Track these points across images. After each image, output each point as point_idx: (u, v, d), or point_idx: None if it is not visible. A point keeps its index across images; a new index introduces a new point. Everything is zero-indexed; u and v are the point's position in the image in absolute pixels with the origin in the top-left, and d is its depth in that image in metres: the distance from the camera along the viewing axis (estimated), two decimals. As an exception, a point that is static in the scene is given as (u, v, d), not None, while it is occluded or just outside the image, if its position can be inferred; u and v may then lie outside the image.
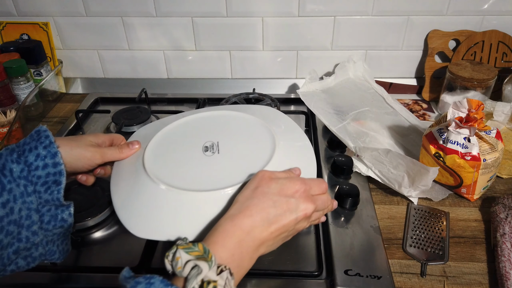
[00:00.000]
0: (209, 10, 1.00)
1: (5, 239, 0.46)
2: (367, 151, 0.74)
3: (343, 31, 1.02)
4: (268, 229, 0.43)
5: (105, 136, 0.59)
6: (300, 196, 0.46)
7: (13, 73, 0.94)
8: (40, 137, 0.50)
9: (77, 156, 0.53)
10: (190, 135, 0.59)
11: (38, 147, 0.49)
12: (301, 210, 0.45)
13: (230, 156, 0.55)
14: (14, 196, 0.47)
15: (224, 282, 0.36)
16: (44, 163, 0.48)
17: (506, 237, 0.60)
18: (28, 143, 0.49)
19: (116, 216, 0.69)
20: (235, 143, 0.57)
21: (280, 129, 0.60)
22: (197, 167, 0.53)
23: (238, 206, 0.44)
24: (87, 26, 1.05)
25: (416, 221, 0.68)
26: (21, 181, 0.48)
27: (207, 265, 0.36)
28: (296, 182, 0.47)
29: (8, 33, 1.06)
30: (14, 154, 0.48)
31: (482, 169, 0.66)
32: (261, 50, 1.06)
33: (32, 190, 0.48)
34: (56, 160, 0.49)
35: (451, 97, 0.94)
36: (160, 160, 0.55)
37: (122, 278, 0.37)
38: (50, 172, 0.49)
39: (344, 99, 0.95)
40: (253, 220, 0.43)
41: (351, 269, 0.58)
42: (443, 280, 0.58)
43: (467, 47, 0.99)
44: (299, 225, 0.47)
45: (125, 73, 1.12)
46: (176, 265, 0.36)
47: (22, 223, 0.48)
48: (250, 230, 0.42)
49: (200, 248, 0.38)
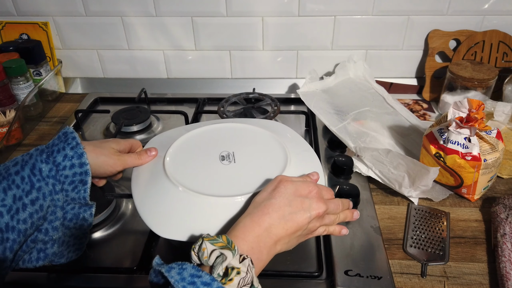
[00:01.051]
0: (209, 10, 1.00)
1: (30, 230, 0.51)
2: (367, 151, 0.74)
3: (343, 31, 1.02)
4: (284, 226, 0.46)
5: (126, 143, 0.62)
6: (313, 196, 0.49)
7: (13, 73, 0.94)
8: (67, 139, 0.53)
9: (101, 163, 0.56)
10: (206, 145, 0.63)
11: (66, 148, 0.52)
12: (314, 209, 0.48)
13: (246, 165, 0.59)
14: (43, 194, 0.51)
15: (247, 268, 0.40)
16: (71, 163, 0.52)
17: (507, 237, 0.60)
18: (56, 144, 0.53)
19: (116, 216, 0.69)
20: (249, 153, 0.61)
21: (288, 141, 0.64)
22: (215, 174, 0.57)
23: (257, 205, 0.48)
24: (87, 25, 1.05)
25: (417, 221, 0.68)
26: (49, 180, 0.51)
27: (231, 253, 0.39)
28: (310, 184, 0.50)
29: (7, 33, 1.06)
30: (43, 155, 0.52)
31: (482, 169, 0.66)
32: (261, 50, 1.06)
33: (60, 188, 0.52)
34: (82, 161, 0.53)
35: (452, 97, 0.94)
36: (180, 166, 0.58)
37: (155, 264, 0.40)
38: (77, 172, 0.53)
39: (345, 99, 0.95)
40: (270, 217, 0.46)
41: (351, 270, 0.58)
42: (444, 281, 0.58)
43: (468, 47, 0.99)
44: (312, 224, 0.49)
45: (125, 73, 1.12)
46: (203, 255, 0.40)
47: (48, 217, 0.53)
48: (268, 226, 0.45)
49: (224, 240, 0.41)
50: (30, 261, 0.53)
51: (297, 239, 0.49)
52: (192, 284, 0.37)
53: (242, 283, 0.39)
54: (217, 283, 0.37)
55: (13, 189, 0.49)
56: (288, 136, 0.68)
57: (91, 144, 0.56)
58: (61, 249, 0.56)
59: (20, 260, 0.52)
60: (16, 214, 0.48)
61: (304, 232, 0.49)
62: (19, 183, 0.49)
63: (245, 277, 0.39)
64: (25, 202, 0.49)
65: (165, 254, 0.63)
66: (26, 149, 0.90)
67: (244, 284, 0.39)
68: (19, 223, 0.48)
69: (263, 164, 0.58)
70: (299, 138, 0.68)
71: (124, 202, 0.72)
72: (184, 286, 0.36)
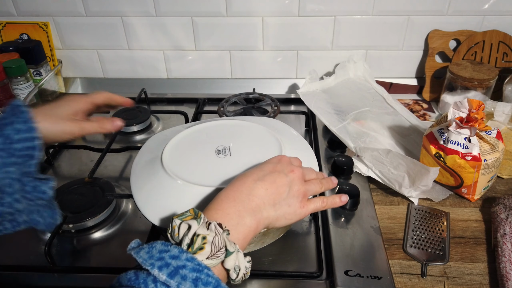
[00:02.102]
0: (209, 10, 1.00)
1: None
2: (367, 151, 0.74)
3: (343, 31, 1.02)
4: (262, 186, 0.46)
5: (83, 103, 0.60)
6: (285, 161, 0.51)
7: (13, 73, 0.94)
8: (16, 112, 0.52)
9: (56, 131, 0.55)
10: (204, 140, 0.65)
11: (17, 122, 0.51)
12: (288, 170, 0.49)
13: (241, 158, 0.60)
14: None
15: (214, 233, 0.39)
16: (21, 137, 0.50)
17: (507, 237, 0.60)
18: (6, 117, 0.51)
19: (116, 216, 0.69)
20: (245, 147, 0.63)
21: (284, 136, 0.65)
22: (211, 166, 0.58)
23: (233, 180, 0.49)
24: (87, 26, 1.05)
25: (417, 221, 0.68)
26: (2, 153, 0.50)
27: (196, 222, 0.39)
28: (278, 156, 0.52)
29: (7, 33, 1.06)
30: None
31: (482, 169, 0.66)
32: (261, 50, 1.06)
33: (13, 162, 0.51)
34: (32, 135, 0.51)
35: (452, 97, 0.94)
36: (177, 160, 0.60)
37: (129, 248, 0.39)
38: (26, 146, 0.51)
39: (345, 99, 0.95)
40: (245, 181, 0.47)
41: (352, 270, 0.58)
42: (444, 281, 0.58)
43: (468, 47, 0.99)
44: (295, 186, 0.49)
45: (125, 73, 1.12)
46: (174, 232, 0.39)
47: (5, 189, 0.51)
48: (243, 190, 0.46)
49: (191, 212, 0.41)
50: (5, 229, 0.53)
51: (287, 205, 0.48)
52: (160, 260, 0.36)
53: (214, 249, 0.38)
54: (186, 254, 0.36)
55: None
56: (287, 134, 0.69)
57: (43, 114, 0.55)
58: (33, 217, 0.55)
59: None
60: None
61: (290, 194, 0.48)
62: None
63: (215, 241, 0.38)
64: None
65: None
66: (26, 149, 0.90)
67: (216, 250, 0.38)
68: None
69: (258, 157, 0.59)
70: (298, 137, 0.69)
71: (124, 202, 0.72)
72: (152, 264, 0.35)
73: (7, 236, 0.66)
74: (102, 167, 0.81)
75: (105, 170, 0.81)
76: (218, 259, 0.38)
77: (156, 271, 0.35)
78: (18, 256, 0.63)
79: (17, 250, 0.64)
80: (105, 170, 0.81)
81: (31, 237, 0.66)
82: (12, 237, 0.66)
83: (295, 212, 0.48)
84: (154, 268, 0.35)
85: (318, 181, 0.53)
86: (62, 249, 0.64)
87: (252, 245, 0.55)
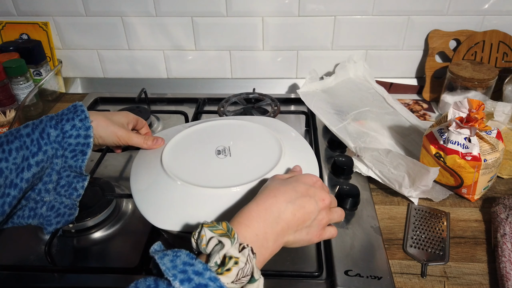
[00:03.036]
0: (209, 9, 1.00)
1: (28, 188, 0.54)
2: (367, 151, 0.74)
3: (343, 31, 1.02)
4: (292, 211, 0.44)
5: (133, 118, 0.66)
6: (318, 186, 0.49)
7: (13, 73, 0.94)
8: (77, 111, 0.57)
9: (111, 134, 0.60)
10: (204, 140, 0.65)
11: (75, 119, 0.56)
12: (319, 197, 0.47)
13: (241, 158, 0.60)
14: (47, 157, 0.55)
15: (246, 258, 0.38)
16: (77, 133, 0.56)
17: (507, 237, 0.60)
18: (66, 114, 0.57)
19: (116, 216, 0.69)
20: (245, 147, 0.63)
21: (284, 136, 0.65)
22: (211, 167, 0.59)
23: (262, 191, 0.47)
24: (87, 26, 1.05)
25: (417, 221, 0.68)
26: (55, 145, 0.55)
27: (230, 241, 0.38)
28: (311, 176, 0.50)
29: (7, 33, 1.06)
30: (53, 121, 0.56)
31: (482, 169, 0.66)
32: (261, 50, 1.06)
33: (61, 154, 0.56)
34: (88, 133, 0.56)
35: (452, 97, 0.94)
36: (177, 160, 0.60)
37: (152, 251, 0.39)
38: (80, 142, 0.56)
39: (345, 99, 0.95)
40: (277, 201, 0.44)
41: (352, 270, 0.58)
42: (444, 281, 0.58)
43: (468, 47, 0.99)
44: (321, 216, 0.47)
45: (125, 73, 1.12)
46: (201, 242, 0.38)
47: (43, 178, 0.56)
48: (275, 211, 0.44)
49: (224, 227, 0.39)
50: (23, 217, 0.57)
51: (306, 232, 0.47)
52: (183, 273, 0.35)
53: (241, 274, 0.37)
54: (210, 273, 0.35)
55: (24, 149, 0.53)
56: (287, 134, 0.69)
57: (104, 116, 0.60)
58: (49, 214, 0.58)
59: (11, 217, 0.56)
60: (21, 173, 0.52)
61: (314, 223, 0.47)
62: (28, 144, 0.53)
63: (244, 267, 0.37)
64: (30, 162, 0.53)
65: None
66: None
67: (243, 275, 0.37)
68: (22, 181, 0.52)
69: (258, 158, 0.60)
70: (298, 137, 0.69)
71: (124, 202, 0.72)
72: (175, 275, 0.35)
73: (7, 236, 0.66)
74: (102, 167, 0.81)
75: (105, 170, 0.81)
76: (241, 284, 0.37)
77: (177, 283, 0.34)
78: (18, 256, 0.63)
79: (17, 250, 0.64)
80: (105, 170, 0.81)
81: (31, 237, 0.66)
82: (12, 237, 0.66)
83: (310, 240, 0.48)
84: (176, 280, 0.34)
85: (340, 211, 0.52)
86: (62, 249, 0.64)
87: None
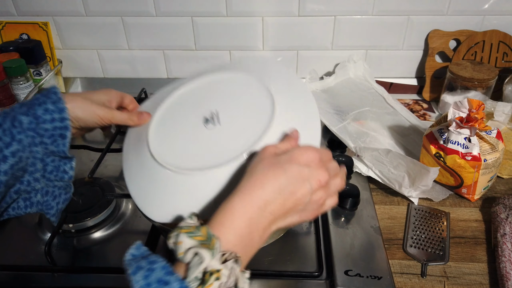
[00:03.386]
0: (209, 10, 1.00)
1: (11, 181, 0.52)
2: (367, 151, 0.74)
3: (343, 31, 1.02)
4: (281, 202, 0.40)
5: (116, 94, 0.61)
6: (315, 165, 0.42)
7: (13, 73, 0.94)
8: (49, 93, 0.53)
9: (90, 113, 0.56)
10: (189, 108, 0.59)
11: (47, 102, 0.52)
12: (315, 179, 0.41)
13: (231, 125, 0.54)
14: (23, 146, 0.51)
15: (229, 271, 0.34)
16: (51, 117, 0.52)
17: (507, 237, 0.60)
18: (37, 98, 0.53)
19: (116, 216, 0.69)
20: (235, 110, 0.56)
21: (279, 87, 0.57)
22: (201, 142, 0.54)
23: (247, 178, 0.41)
24: (87, 25, 1.05)
25: (417, 221, 0.68)
26: (29, 132, 0.51)
27: (210, 253, 0.34)
28: (308, 151, 0.43)
29: (7, 33, 1.06)
30: (23, 108, 0.52)
31: (482, 169, 0.66)
32: (261, 49, 1.06)
33: (39, 141, 0.52)
34: (63, 115, 0.52)
35: (452, 97, 0.94)
36: (164, 142, 0.56)
37: (127, 259, 0.36)
38: (57, 126, 0.52)
39: (345, 99, 0.95)
40: (264, 192, 0.39)
41: (351, 270, 0.58)
42: (444, 281, 0.58)
43: (468, 47, 0.99)
44: (316, 196, 0.42)
45: (125, 73, 1.12)
46: (178, 250, 0.35)
47: (26, 168, 0.53)
48: (262, 205, 0.39)
49: (204, 233, 0.35)
50: (19, 208, 0.55)
51: (299, 216, 0.42)
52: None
53: (223, 286, 0.33)
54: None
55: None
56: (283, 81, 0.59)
57: (81, 96, 0.56)
58: (47, 199, 0.56)
59: (6, 210, 0.54)
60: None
61: (309, 206, 0.42)
62: (1, 135, 0.49)
63: (227, 281, 0.34)
64: (5, 154, 0.49)
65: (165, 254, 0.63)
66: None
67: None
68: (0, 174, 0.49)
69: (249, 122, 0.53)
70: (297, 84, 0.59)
71: (124, 202, 0.72)
72: None
73: (7, 235, 0.66)
74: (102, 167, 0.81)
75: (105, 170, 0.81)
76: None
77: None
78: (18, 256, 0.63)
79: (17, 250, 0.64)
80: (105, 170, 0.81)
81: (31, 237, 0.66)
82: (12, 237, 0.66)
83: (304, 221, 0.44)
84: None
85: (340, 180, 0.46)
86: (62, 249, 0.64)
87: None
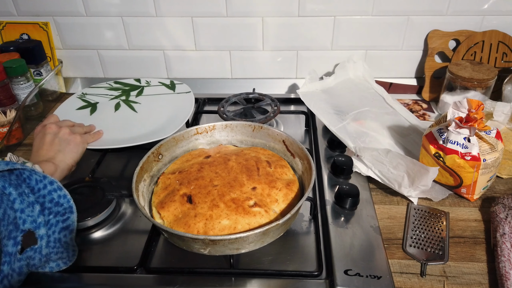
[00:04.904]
0: (209, 10, 1.00)
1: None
2: (367, 151, 0.74)
3: (343, 31, 1.02)
4: (43, 150, 0.71)
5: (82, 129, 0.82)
6: (53, 128, 0.74)
7: (13, 73, 0.94)
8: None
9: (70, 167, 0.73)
10: None
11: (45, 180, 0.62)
12: (54, 131, 0.73)
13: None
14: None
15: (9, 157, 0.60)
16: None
17: (506, 237, 0.60)
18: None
19: (116, 216, 0.69)
20: None
21: None
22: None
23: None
24: (87, 25, 1.05)
25: (416, 221, 0.68)
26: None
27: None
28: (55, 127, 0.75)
29: (8, 33, 1.06)
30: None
31: (482, 169, 0.66)
32: (261, 50, 1.06)
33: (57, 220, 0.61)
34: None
35: (451, 97, 0.94)
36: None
37: None
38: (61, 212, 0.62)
39: (344, 99, 0.95)
40: (38, 153, 0.72)
41: (351, 269, 0.58)
42: (443, 280, 0.58)
43: (467, 47, 0.99)
44: (61, 133, 0.73)
45: (125, 73, 1.12)
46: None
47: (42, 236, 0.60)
48: (40, 153, 0.71)
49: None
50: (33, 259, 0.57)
51: (63, 152, 0.71)
52: None
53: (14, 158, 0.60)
54: None
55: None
56: None
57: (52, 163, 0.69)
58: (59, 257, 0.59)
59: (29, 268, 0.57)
60: None
61: (63, 143, 0.72)
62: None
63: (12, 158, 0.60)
64: None
65: (165, 254, 0.63)
66: (26, 149, 0.90)
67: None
68: None
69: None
70: None
71: (125, 202, 0.73)
72: None
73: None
74: (102, 167, 0.81)
75: (105, 170, 0.81)
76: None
77: None
78: (18, 255, 0.63)
79: (18, 250, 0.64)
80: (105, 170, 0.81)
81: (31, 236, 0.66)
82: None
83: (75, 142, 0.74)
84: None
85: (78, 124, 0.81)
86: (63, 248, 0.64)
87: (252, 244, 0.55)
